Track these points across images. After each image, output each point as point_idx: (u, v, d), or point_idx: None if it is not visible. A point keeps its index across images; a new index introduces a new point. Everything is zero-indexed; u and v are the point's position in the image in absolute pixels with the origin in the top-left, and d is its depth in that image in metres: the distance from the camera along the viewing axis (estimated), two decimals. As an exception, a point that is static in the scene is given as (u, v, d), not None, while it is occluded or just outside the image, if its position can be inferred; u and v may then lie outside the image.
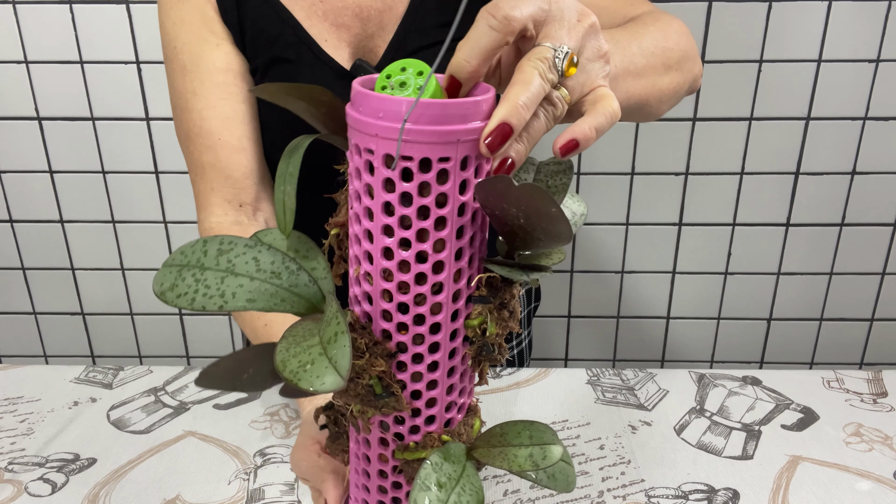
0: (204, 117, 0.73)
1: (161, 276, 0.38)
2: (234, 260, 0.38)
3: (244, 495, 0.72)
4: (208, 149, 0.73)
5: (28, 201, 1.41)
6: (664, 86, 0.63)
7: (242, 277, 0.38)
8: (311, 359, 0.33)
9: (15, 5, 1.28)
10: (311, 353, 0.33)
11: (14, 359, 1.56)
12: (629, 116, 0.65)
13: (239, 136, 0.73)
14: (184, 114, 0.74)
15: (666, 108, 0.67)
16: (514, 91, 0.37)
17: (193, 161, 0.75)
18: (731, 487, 0.73)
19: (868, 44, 1.29)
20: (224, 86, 0.73)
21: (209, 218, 0.74)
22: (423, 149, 0.36)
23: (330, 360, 0.32)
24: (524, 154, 0.40)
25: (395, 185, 0.37)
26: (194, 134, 0.73)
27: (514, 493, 0.72)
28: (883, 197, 1.39)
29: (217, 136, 0.73)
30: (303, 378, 0.32)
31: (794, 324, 1.50)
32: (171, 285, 0.38)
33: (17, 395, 0.90)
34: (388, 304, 0.40)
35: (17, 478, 0.75)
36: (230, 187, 0.73)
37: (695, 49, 0.69)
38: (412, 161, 0.36)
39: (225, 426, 0.83)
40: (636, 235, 1.43)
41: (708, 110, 1.33)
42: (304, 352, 0.33)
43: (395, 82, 0.39)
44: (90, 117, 1.35)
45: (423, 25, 0.75)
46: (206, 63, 0.73)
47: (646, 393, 0.90)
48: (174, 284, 0.38)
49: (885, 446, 0.79)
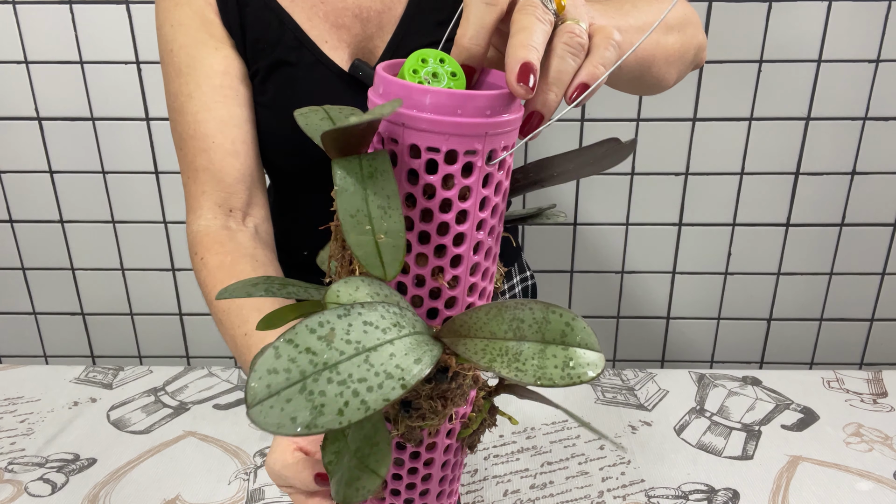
0: (199, 120, 0.72)
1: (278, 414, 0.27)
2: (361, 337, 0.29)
3: (244, 495, 0.72)
4: (202, 152, 0.73)
5: (28, 201, 1.41)
6: (668, 45, 0.63)
7: (382, 350, 0.29)
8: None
9: (15, 5, 1.28)
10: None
11: (14, 359, 1.56)
12: (640, 83, 0.65)
13: (233, 139, 0.73)
14: (179, 116, 0.74)
15: (674, 72, 0.67)
16: (518, 37, 0.38)
17: (186, 163, 0.74)
18: (731, 487, 0.73)
19: (868, 44, 1.29)
20: (221, 89, 0.73)
21: (198, 221, 0.74)
22: (451, 140, 0.35)
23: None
24: (554, 104, 0.39)
25: (419, 177, 0.36)
26: (188, 136, 0.73)
27: (514, 494, 0.72)
28: (883, 197, 1.39)
29: (211, 139, 0.72)
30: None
31: (794, 324, 1.50)
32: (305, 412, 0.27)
33: (17, 395, 0.90)
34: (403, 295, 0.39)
35: (17, 478, 0.75)
36: (221, 191, 0.73)
37: (696, 17, 0.69)
38: (438, 153, 0.36)
39: (225, 426, 0.83)
40: (636, 235, 1.43)
41: (708, 110, 1.33)
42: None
43: (426, 74, 0.39)
44: (90, 117, 1.35)
45: (421, 26, 0.75)
46: (203, 66, 0.73)
47: (646, 393, 0.90)
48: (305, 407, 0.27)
49: (885, 446, 0.79)
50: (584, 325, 0.34)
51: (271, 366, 0.27)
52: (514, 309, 0.34)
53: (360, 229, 0.32)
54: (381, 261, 0.32)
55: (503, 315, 0.34)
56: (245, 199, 0.75)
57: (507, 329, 0.34)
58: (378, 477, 0.33)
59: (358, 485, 0.33)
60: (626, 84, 0.66)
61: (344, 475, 0.33)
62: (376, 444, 0.32)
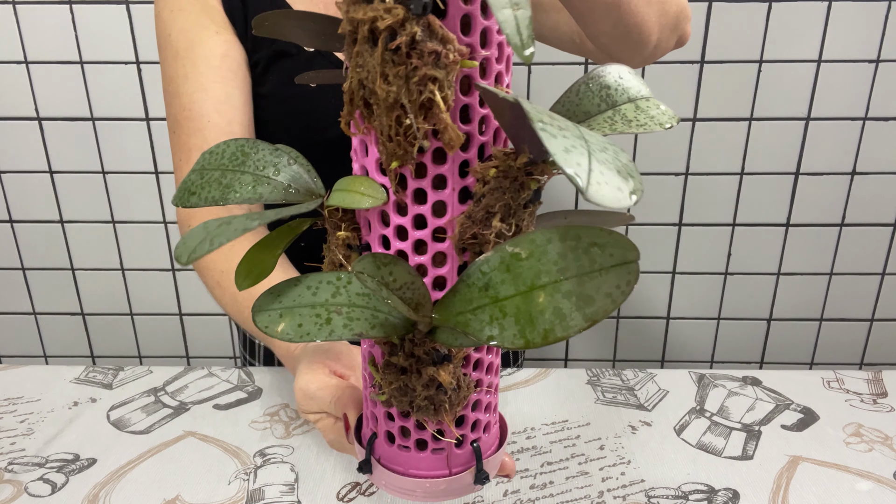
0: (194, 100, 0.71)
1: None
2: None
3: (244, 495, 0.72)
4: (196, 132, 0.71)
5: (28, 201, 1.41)
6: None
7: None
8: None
9: (15, 5, 1.28)
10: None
11: (14, 359, 1.56)
12: (619, 25, 0.63)
13: (230, 119, 0.72)
14: (173, 99, 0.72)
15: (653, 16, 0.65)
16: None
17: (181, 145, 0.72)
18: (731, 487, 0.73)
19: (868, 44, 1.29)
20: (219, 70, 0.72)
21: None
22: None
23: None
24: None
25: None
26: (183, 118, 0.71)
27: (514, 494, 0.72)
28: (883, 197, 1.39)
29: (207, 118, 0.71)
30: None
31: (794, 324, 1.50)
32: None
33: (17, 395, 0.90)
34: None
35: (17, 478, 0.75)
36: None
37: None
38: None
39: (225, 426, 0.83)
40: (636, 235, 1.43)
41: (708, 110, 1.33)
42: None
43: None
44: (90, 117, 1.35)
45: None
46: (202, 48, 0.72)
47: (646, 393, 0.90)
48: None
49: (885, 446, 0.79)
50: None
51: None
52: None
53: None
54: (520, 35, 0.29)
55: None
56: None
57: None
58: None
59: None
60: (605, 18, 0.64)
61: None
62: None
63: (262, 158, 0.39)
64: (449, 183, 0.36)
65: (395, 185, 0.36)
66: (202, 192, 0.37)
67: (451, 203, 0.37)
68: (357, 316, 0.36)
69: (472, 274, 0.33)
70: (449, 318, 0.34)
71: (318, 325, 0.35)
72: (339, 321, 0.35)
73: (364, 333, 0.35)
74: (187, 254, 0.33)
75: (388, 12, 0.30)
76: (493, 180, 0.35)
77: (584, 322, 0.30)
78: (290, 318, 0.35)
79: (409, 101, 0.32)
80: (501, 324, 0.31)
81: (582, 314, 0.30)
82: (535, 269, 0.31)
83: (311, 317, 0.35)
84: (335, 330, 0.35)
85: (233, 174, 0.38)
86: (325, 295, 0.36)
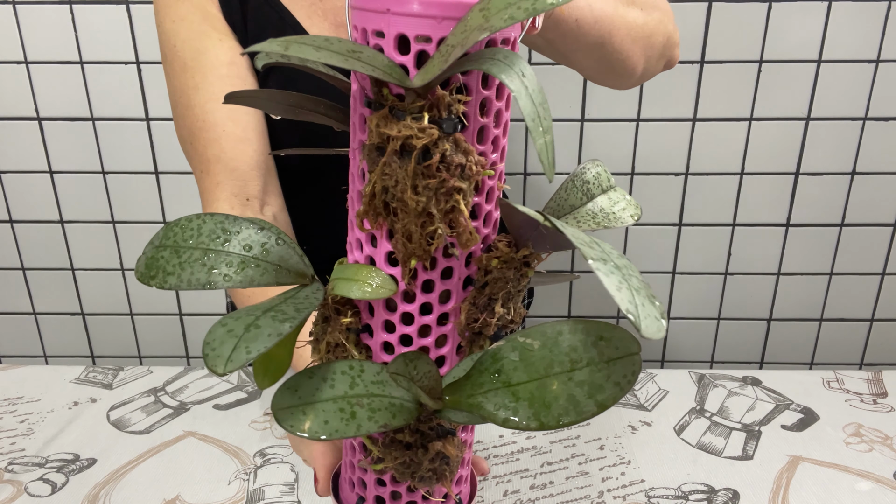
0: (207, 110, 0.71)
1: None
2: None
3: (244, 495, 0.72)
4: (213, 142, 0.72)
5: (28, 201, 1.41)
6: (631, 18, 0.62)
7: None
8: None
9: (15, 5, 1.28)
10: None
11: (14, 359, 1.56)
12: (603, 58, 0.62)
13: (244, 126, 0.72)
14: (186, 111, 0.73)
15: (638, 51, 0.65)
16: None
17: (198, 157, 0.73)
18: (731, 487, 0.73)
19: (868, 44, 1.29)
20: (228, 78, 0.72)
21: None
22: (445, 25, 0.32)
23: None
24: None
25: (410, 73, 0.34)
26: (198, 129, 0.72)
27: (514, 494, 0.72)
28: (883, 197, 1.39)
29: (221, 127, 0.71)
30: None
31: (794, 324, 1.50)
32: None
33: (17, 396, 0.90)
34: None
35: (17, 478, 0.75)
36: (236, 180, 0.72)
37: (668, 8, 0.68)
38: (430, 43, 0.32)
39: (225, 426, 0.83)
40: (636, 235, 1.43)
41: (708, 110, 1.33)
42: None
43: None
44: (90, 117, 1.35)
45: None
46: (208, 57, 0.72)
47: (646, 393, 0.90)
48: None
49: (885, 446, 0.79)
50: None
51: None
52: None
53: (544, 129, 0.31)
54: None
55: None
56: (261, 187, 0.73)
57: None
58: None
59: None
60: (588, 56, 0.63)
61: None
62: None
63: (248, 237, 0.38)
64: (455, 273, 0.39)
65: (409, 278, 0.38)
66: (183, 274, 0.36)
67: (455, 291, 0.39)
68: (377, 406, 0.36)
69: (485, 361, 0.36)
70: (461, 400, 0.37)
71: (345, 420, 0.35)
72: (363, 414, 0.36)
73: (388, 424, 0.36)
74: (223, 364, 0.30)
75: (422, 132, 0.32)
76: (496, 270, 0.38)
77: (596, 408, 0.33)
78: (315, 414, 0.34)
79: (437, 210, 0.35)
80: (515, 407, 0.34)
81: (594, 401, 0.33)
82: (547, 359, 0.34)
83: (334, 412, 0.35)
84: (362, 424, 0.35)
85: (216, 255, 0.37)
86: (343, 387, 0.36)
